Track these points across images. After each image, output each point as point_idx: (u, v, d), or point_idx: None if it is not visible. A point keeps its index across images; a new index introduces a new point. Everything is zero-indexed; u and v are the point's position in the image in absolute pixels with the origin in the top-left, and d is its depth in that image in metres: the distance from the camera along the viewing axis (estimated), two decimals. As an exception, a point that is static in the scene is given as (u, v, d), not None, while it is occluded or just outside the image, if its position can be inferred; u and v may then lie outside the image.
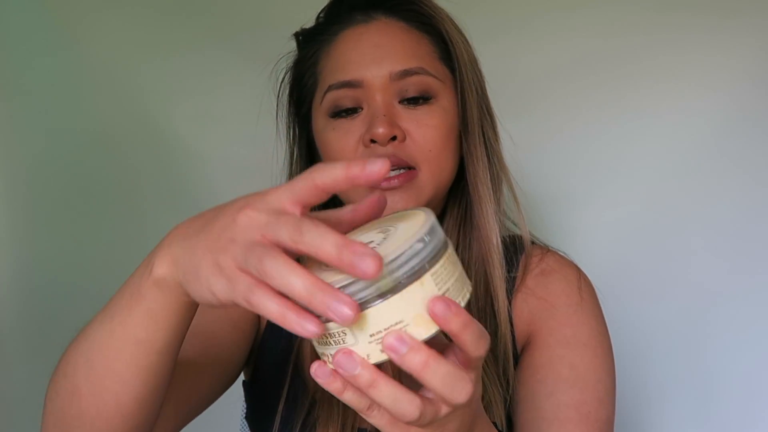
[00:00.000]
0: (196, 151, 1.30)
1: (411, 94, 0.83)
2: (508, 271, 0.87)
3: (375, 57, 0.83)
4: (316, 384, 0.79)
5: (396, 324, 0.47)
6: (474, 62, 0.88)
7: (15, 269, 1.29)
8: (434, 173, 0.82)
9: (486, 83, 0.89)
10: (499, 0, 1.22)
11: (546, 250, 0.92)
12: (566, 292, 0.88)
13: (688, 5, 1.21)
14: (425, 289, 0.47)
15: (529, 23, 1.23)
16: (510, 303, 0.87)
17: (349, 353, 0.48)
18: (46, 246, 1.30)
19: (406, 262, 0.46)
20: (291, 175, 0.92)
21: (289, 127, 0.92)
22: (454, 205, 0.89)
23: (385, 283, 0.46)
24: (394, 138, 0.80)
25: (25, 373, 1.29)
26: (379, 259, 0.44)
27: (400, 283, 0.46)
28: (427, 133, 0.82)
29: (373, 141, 0.80)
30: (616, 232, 1.27)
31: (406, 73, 0.82)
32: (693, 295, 1.24)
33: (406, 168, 0.81)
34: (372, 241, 0.49)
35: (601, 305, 0.89)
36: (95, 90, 1.29)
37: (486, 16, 0.90)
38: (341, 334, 0.48)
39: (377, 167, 0.48)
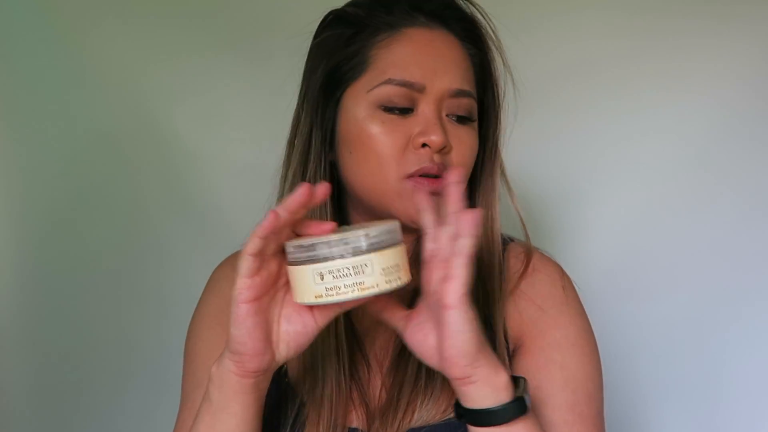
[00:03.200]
0: (201, 154, 1.31)
1: (461, 112, 0.85)
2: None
3: (440, 67, 0.84)
4: (303, 385, 0.85)
5: (396, 265, 0.69)
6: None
7: (17, 271, 1.29)
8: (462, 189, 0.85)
9: None
10: (501, 3, 1.23)
11: (527, 248, 0.93)
12: (552, 292, 0.89)
13: (688, 10, 1.23)
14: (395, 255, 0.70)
15: (530, 26, 1.24)
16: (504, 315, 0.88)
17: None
18: (48, 247, 1.31)
19: (388, 231, 0.69)
20: (309, 155, 0.88)
21: (317, 107, 0.87)
22: None
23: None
24: (443, 147, 0.82)
25: (26, 374, 1.29)
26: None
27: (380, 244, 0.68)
28: (465, 152, 0.85)
29: (424, 145, 0.82)
30: (617, 232, 1.28)
31: (461, 93, 0.85)
32: (694, 294, 1.25)
33: None
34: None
35: (602, 304, 0.91)
36: (100, 94, 1.29)
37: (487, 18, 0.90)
38: (362, 266, 0.67)
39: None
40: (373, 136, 0.83)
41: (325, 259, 0.67)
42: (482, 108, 0.90)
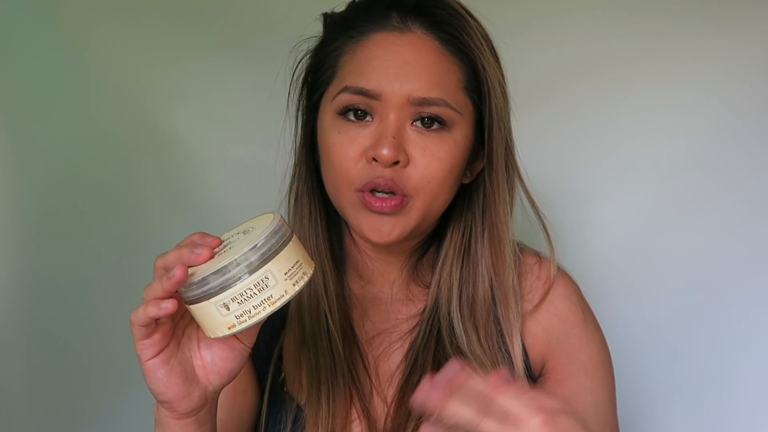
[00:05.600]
0: (201, 154, 1.31)
1: (425, 116, 0.80)
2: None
3: (400, 73, 0.79)
4: (301, 393, 0.84)
5: (296, 263, 0.65)
6: (505, 95, 0.86)
7: (16, 271, 1.29)
8: (426, 204, 0.82)
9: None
10: (503, 3, 1.23)
11: (540, 258, 0.92)
12: (572, 310, 0.89)
13: (688, 11, 1.23)
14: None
15: (530, 26, 1.25)
16: (521, 332, 0.87)
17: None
18: (47, 247, 1.31)
19: (275, 232, 0.64)
20: (296, 158, 0.91)
21: (298, 110, 0.90)
22: (457, 236, 0.88)
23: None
24: (396, 162, 0.79)
25: (26, 372, 1.29)
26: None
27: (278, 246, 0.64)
28: (431, 164, 0.80)
29: (375, 159, 0.79)
30: (619, 232, 1.28)
31: (425, 101, 0.79)
32: (698, 294, 1.25)
33: (400, 195, 0.80)
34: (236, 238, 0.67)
35: (604, 304, 0.91)
36: (100, 95, 1.30)
37: (489, 19, 0.89)
38: (264, 281, 0.63)
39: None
40: (330, 146, 0.82)
41: (223, 288, 0.63)
42: (483, 113, 0.85)
